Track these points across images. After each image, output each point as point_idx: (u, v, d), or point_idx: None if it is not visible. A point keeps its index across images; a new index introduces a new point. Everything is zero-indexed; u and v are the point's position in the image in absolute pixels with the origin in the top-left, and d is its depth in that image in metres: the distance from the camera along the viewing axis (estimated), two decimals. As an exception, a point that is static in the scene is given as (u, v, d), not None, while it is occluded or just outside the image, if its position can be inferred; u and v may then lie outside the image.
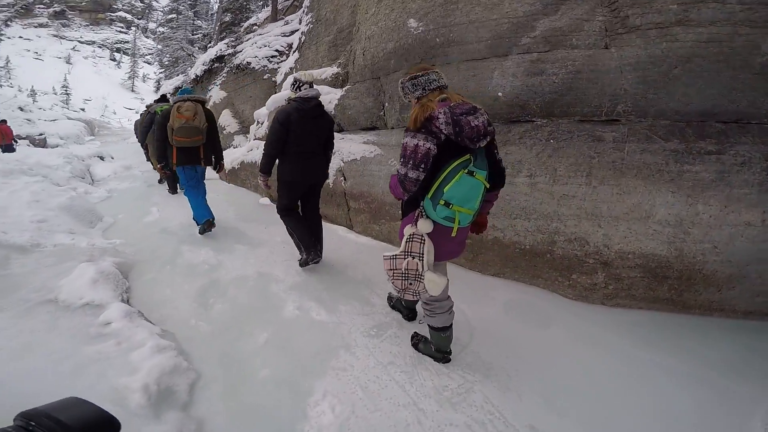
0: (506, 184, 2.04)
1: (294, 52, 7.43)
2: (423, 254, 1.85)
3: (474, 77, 3.18)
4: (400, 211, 2.11)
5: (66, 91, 36.01)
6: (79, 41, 56.37)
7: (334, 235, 4.17)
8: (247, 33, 10.38)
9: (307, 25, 6.71)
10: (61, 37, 55.27)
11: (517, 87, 2.97)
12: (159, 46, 24.41)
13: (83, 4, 61.44)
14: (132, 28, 59.82)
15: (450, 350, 2.23)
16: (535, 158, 2.89)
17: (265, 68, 8.57)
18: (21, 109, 23.53)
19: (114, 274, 2.94)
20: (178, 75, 16.58)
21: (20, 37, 50.04)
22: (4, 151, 11.39)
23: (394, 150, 3.85)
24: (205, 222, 4.08)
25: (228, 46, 10.36)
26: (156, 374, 1.94)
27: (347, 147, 4.41)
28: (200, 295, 3.00)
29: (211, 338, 2.50)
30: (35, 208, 3.95)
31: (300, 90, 2.98)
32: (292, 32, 8.55)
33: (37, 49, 48.69)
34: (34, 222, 3.73)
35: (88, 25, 60.74)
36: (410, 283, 1.93)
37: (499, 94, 3.05)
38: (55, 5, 58.45)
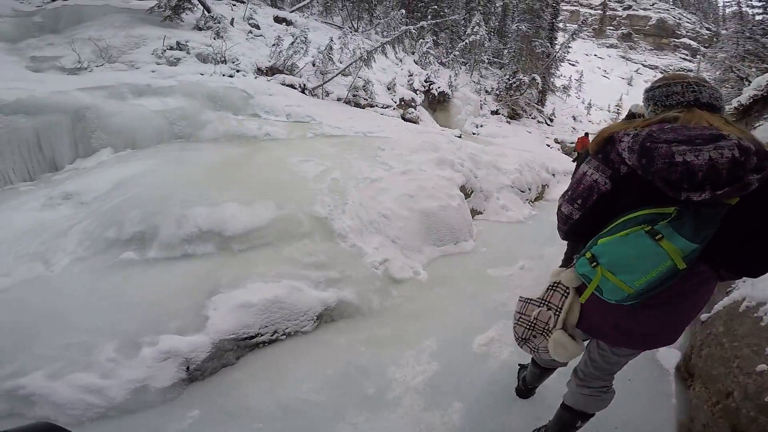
0: None
1: None
2: (561, 309, 1.36)
3: None
4: None
5: (618, 110, 36.45)
6: (642, 64, 56.69)
7: None
8: None
9: None
10: (626, 59, 57.61)
11: None
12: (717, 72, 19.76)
13: (647, 28, 60.52)
14: (697, 56, 53.40)
15: (533, 387, 2.01)
16: None
17: None
18: (574, 118, 27.18)
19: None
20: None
21: (594, 55, 56.08)
22: (573, 160, 11.91)
23: None
24: None
25: None
26: None
27: None
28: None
29: None
30: (398, 204, 3.63)
31: None
32: None
33: (606, 68, 53.02)
34: (380, 215, 3.35)
35: (651, 50, 59.76)
36: (534, 336, 1.45)
37: None
38: (623, 28, 61.22)
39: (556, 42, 25.86)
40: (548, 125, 21.52)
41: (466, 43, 20.84)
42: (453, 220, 3.85)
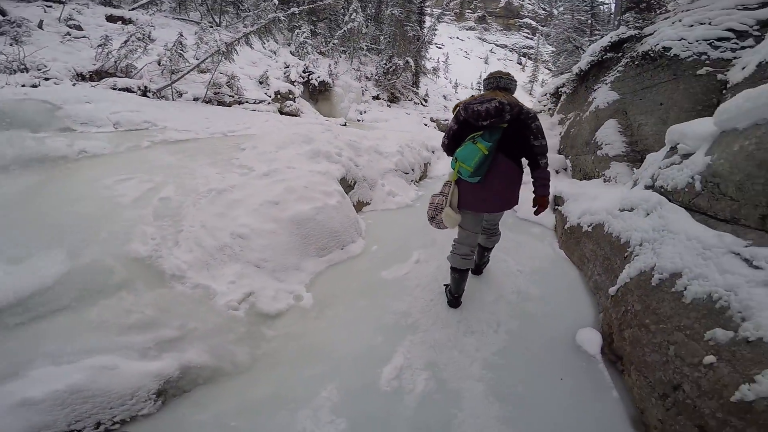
0: None
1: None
2: (447, 195, 2.35)
3: None
4: None
5: (479, 87, 39.59)
6: (495, 44, 61.44)
7: None
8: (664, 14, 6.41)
9: None
10: (482, 40, 62.13)
11: None
12: (553, 48, 22.46)
13: (497, 10, 66.33)
14: (536, 34, 59.71)
15: (458, 295, 2.63)
16: None
17: (703, 58, 4.62)
18: (444, 97, 28.57)
19: None
20: (562, 73, 13.75)
21: (457, 38, 59.62)
22: None
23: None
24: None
25: (630, 28, 6.78)
26: None
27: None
28: None
29: None
30: (259, 216, 2.85)
31: None
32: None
33: (467, 49, 56.40)
34: (233, 236, 2.57)
35: (501, 30, 65.68)
36: (436, 214, 2.36)
37: None
38: (479, 11, 66.73)
39: (425, 26, 26.69)
40: (424, 106, 22.15)
41: (344, 30, 20.23)
42: (334, 222, 3.23)
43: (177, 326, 1.98)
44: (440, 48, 47.43)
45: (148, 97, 6.77)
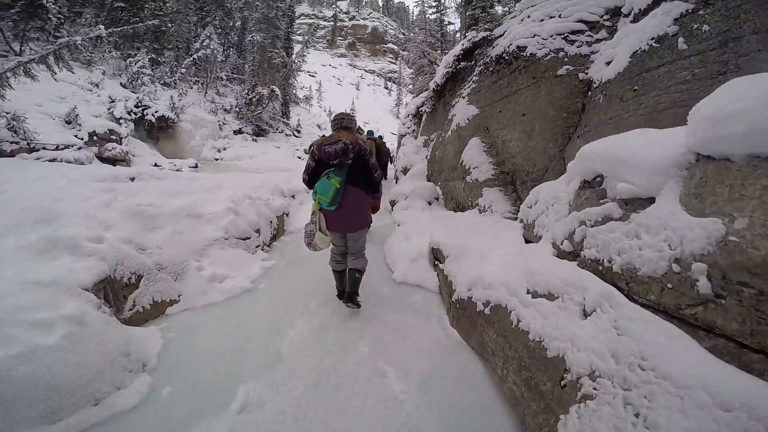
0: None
1: (639, 14, 3.29)
2: (316, 222, 2.92)
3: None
4: None
5: (352, 111, 40.14)
6: (365, 70, 64.23)
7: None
8: (511, 14, 6.33)
9: None
10: (353, 66, 64.59)
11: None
12: (412, 70, 23.91)
13: (365, 36, 70.25)
14: (398, 58, 63.56)
15: (342, 290, 3.21)
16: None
17: (561, 55, 4.13)
18: (318, 126, 27.86)
19: None
20: (421, 92, 14.02)
21: (330, 65, 60.89)
22: None
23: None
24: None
25: (480, 30, 6.55)
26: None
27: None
28: None
29: None
30: None
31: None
32: (608, -8, 4.08)
33: (339, 76, 57.82)
34: None
35: (369, 56, 69.45)
36: (311, 239, 2.94)
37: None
38: (349, 38, 69.79)
39: (293, 52, 25.74)
40: (296, 137, 21.15)
41: (194, 58, 18.03)
42: (60, 372, 1.76)
43: None
44: (313, 76, 47.34)
45: None
